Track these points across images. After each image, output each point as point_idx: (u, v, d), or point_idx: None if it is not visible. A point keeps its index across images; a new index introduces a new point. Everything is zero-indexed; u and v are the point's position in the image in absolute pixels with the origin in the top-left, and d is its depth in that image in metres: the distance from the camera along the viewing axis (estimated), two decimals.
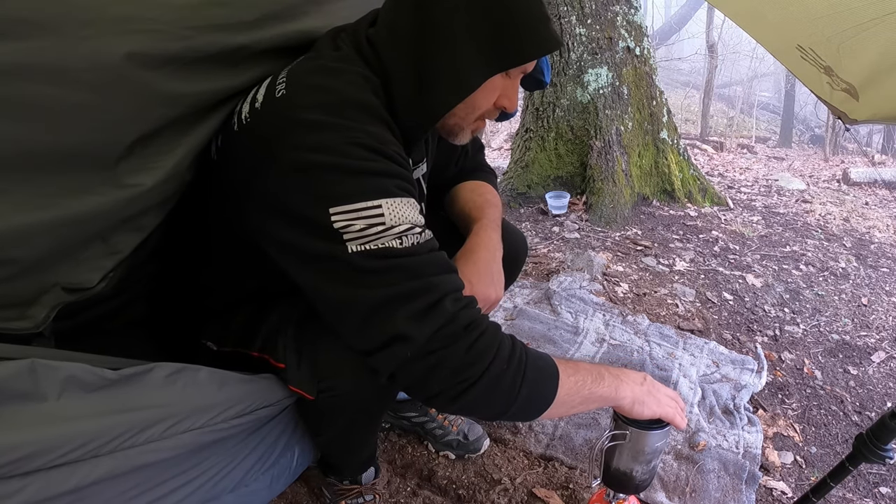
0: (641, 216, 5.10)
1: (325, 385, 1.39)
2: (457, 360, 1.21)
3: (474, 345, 1.23)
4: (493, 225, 1.68)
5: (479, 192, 1.82)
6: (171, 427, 1.16)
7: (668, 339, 3.25)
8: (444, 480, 2.22)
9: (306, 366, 1.39)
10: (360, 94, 1.27)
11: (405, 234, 1.18)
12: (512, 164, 5.59)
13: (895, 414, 1.32)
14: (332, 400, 1.43)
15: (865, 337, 3.59)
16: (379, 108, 1.29)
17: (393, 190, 1.19)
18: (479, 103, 1.39)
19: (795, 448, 2.61)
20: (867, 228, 5.67)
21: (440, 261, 1.26)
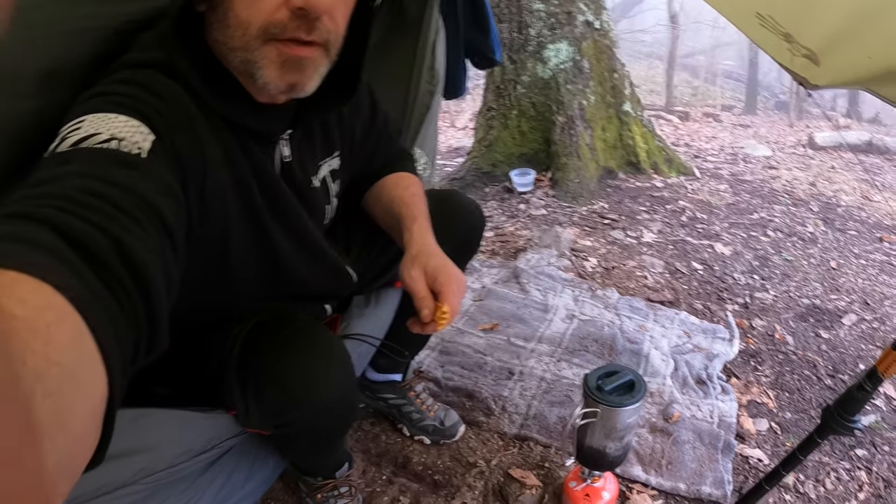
0: (608, 189, 5.10)
1: (284, 421, 1.36)
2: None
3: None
4: (427, 224, 1.57)
5: (402, 185, 1.71)
6: (139, 471, 1.16)
7: (638, 311, 3.26)
8: (420, 467, 2.21)
9: (255, 409, 1.35)
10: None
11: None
12: (476, 144, 5.57)
13: (861, 385, 1.32)
14: (289, 430, 1.40)
15: (836, 300, 3.63)
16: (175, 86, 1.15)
17: (105, 107, 1.02)
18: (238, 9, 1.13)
19: (770, 415, 2.62)
20: (834, 192, 5.73)
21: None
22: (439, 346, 2.84)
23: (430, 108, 2.31)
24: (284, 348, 1.31)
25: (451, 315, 1.39)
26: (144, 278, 0.80)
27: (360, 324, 1.83)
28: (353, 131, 1.62)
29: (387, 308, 1.93)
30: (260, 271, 1.42)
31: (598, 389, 1.78)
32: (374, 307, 1.90)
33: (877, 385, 1.30)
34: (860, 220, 5.00)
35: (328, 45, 1.19)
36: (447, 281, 1.40)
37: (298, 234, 1.45)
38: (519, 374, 2.68)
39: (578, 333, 3.00)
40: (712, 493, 2.17)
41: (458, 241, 1.73)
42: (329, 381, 1.35)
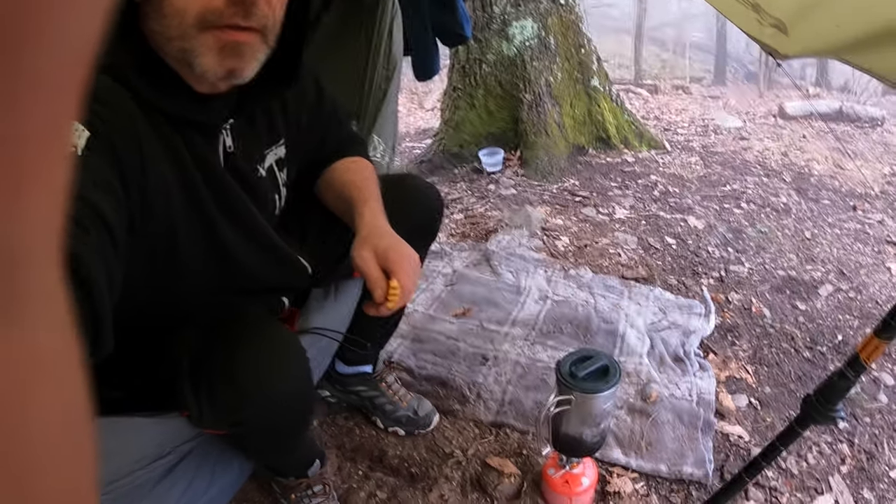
0: (578, 166, 5.06)
1: (237, 419, 1.33)
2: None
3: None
4: (379, 207, 1.55)
5: (353, 169, 1.69)
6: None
7: (612, 289, 3.22)
8: (396, 460, 2.18)
9: (208, 409, 1.31)
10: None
11: None
12: (442, 125, 5.51)
13: (843, 373, 1.29)
14: (244, 429, 1.38)
15: (811, 271, 3.62)
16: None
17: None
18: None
19: (749, 390, 2.60)
20: (806, 162, 5.74)
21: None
22: (411, 335, 2.79)
23: (387, 94, 2.28)
24: (236, 345, 1.28)
25: (403, 292, 1.39)
26: (86, 279, 0.79)
27: (319, 317, 1.79)
28: (298, 119, 1.59)
29: (347, 300, 1.88)
30: (209, 267, 1.38)
31: (572, 376, 1.75)
32: (333, 300, 1.85)
33: (860, 372, 1.26)
34: (833, 189, 5.01)
35: (265, 30, 1.19)
36: (398, 259, 1.40)
37: (247, 226, 1.42)
38: (493, 360, 2.64)
39: (552, 315, 2.96)
40: (694, 472, 2.15)
41: (414, 224, 1.69)
42: (282, 377, 1.32)
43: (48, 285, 0.28)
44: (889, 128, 7.37)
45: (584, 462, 2.01)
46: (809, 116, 7.60)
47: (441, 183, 4.78)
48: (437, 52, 2.72)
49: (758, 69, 12.87)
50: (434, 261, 3.43)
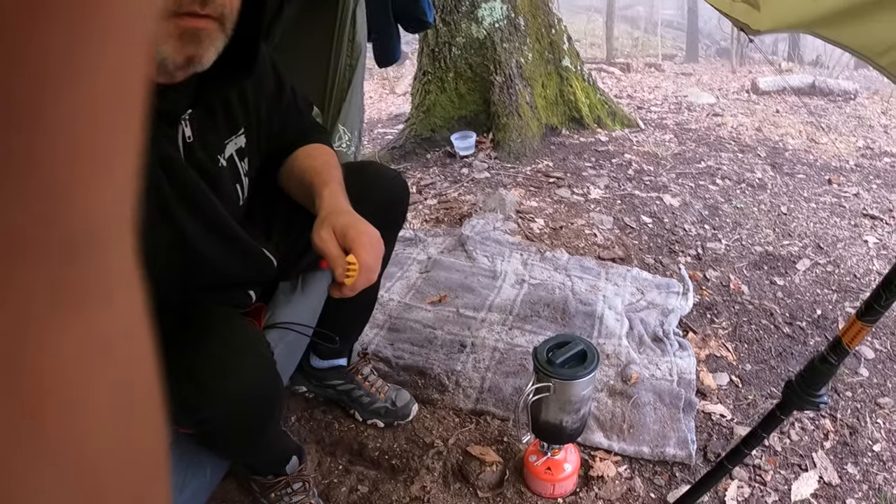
0: (551, 147, 5.05)
1: (201, 417, 1.32)
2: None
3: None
4: (340, 189, 1.54)
5: (314, 155, 1.67)
6: None
7: (589, 271, 3.21)
8: (376, 452, 2.16)
9: (172, 408, 1.28)
10: None
11: None
12: (413, 110, 5.47)
13: (825, 358, 1.27)
14: (209, 427, 1.37)
15: (788, 246, 3.62)
16: None
17: None
18: None
19: (730, 368, 2.60)
20: (780, 136, 5.75)
21: None
22: (387, 324, 2.76)
23: (351, 83, 2.26)
24: (196, 343, 1.27)
25: (363, 269, 1.37)
26: None
27: (286, 311, 1.77)
28: (258, 108, 1.57)
29: (315, 293, 1.86)
30: (171, 261, 1.36)
31: (549, 363, 1.74)
32: (300, 293, 1.83)
33: (842, 357, 1.24)
34: (808, 164, 5.03)
35: (223, 18, 1.18)
36: (356, 236, 1.39)
37: (209, 218, 1.39)
38: (471, 347, 2.62)
39: (529, 299, 2.94)
40: (677, 453, 2.14)
41: (380, 211, 1.66)
42: (243, 374, 1.31)
43: (122, 268, 0.27)
44: (862, 101, 7.42)
45: (566, 448, 1.99)
46: (782, 91, 7.63)
47: (413, 168, 4.75)
48: (399, 38, 2.70)
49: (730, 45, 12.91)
50: (408, 248, 3.40)
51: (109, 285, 0.26)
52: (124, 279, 0.27)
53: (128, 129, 0.25)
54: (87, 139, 0.22)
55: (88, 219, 0.23)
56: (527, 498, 2.01)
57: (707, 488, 1.50)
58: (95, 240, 0.24)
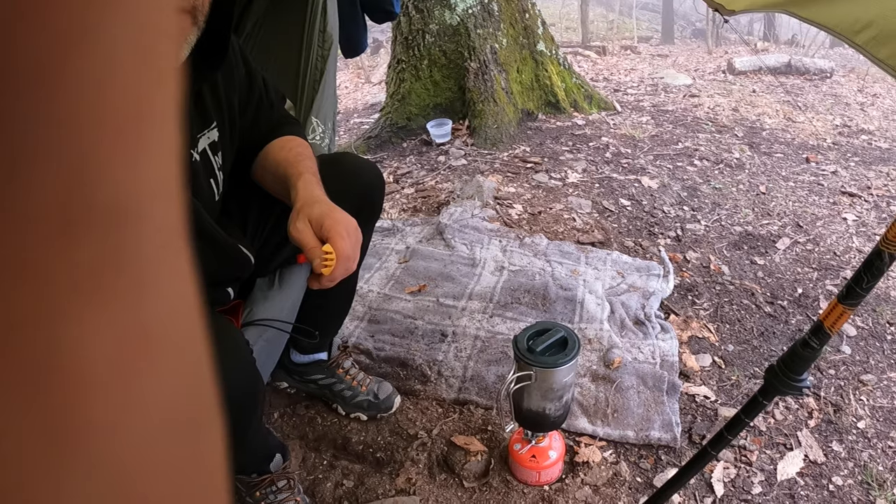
0: (528, 132, 5.04)
1: None
2: None
3: None
4: (315, 179, 1.52)
5: (287, 147, 1.65)
6: None
7: (569, 255, 3.21)
8: (360, 446, 2.15)
9: None
10: None
11: None
12: (388, 99, 5.45)
13: (806, 342, 1.26)
14: None
15: (768, 225, 3.64)
16: None
17: None
18: None
19: (712, 349, 2.61)
20: (757, 116, 5.77)
21: None
22: (367, 316, 2.75)
23: (324, 74, 2.25)
24: None
25: (340, 257, 1.36)
26: None
27: (264, 308, 1.75)
28: (230, 101, 1.56)
29: (292, 288, 1.84)
30: None
31: (530, 351, 1.73)
32: (278, 289, 1.81)
33: (824, 341, 1.24)
34: (785, 143, 5.05)
35: (195, 11, 1.16)
36: (333, 225, 1.37)
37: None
38: (452, 336, 2.61)
39: (509, 286, 2.94)
40: (661, 437, 2.15)
41: (356, 202, 1.64)
42: (222, 374, 1.24)
43: (166, 247, 0.24)
44: (838, 79, 7.46)
45: (550, 435, 1.99)
46: (758, 71, 7.66)
47: (390, 157, 4.73)
48: (366, 28, 2.68)
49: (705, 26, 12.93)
50: (386, 238, 3.39)
51: (152, 267, 0.23)
52: (169, 260, 0.24)
53: (157, 89, 0.22)
54: (110, 99, 0.20)
55: (122, 189, 0.21)
56: (513, 486, 2.01)
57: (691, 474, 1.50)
58: (132, 213, 0.21)
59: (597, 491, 2.01)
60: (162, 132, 0.23)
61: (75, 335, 0.20)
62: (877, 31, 1.15)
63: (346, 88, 8.47)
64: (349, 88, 8.58)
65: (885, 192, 4.07)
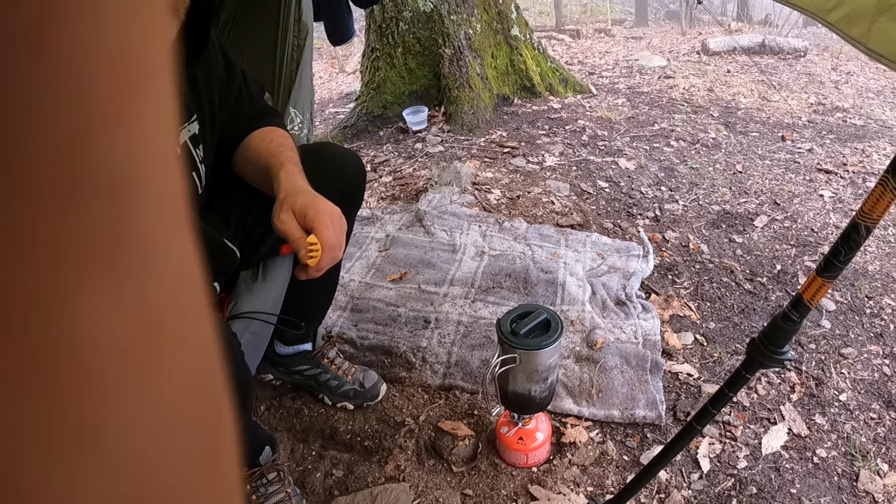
0: (504, 117, 5.04)
1: None
2: None
3: None
4: (297, 169, 1.53)
5: (268, 138, 1.65)
6: None
7: (548, 238, 3.22)
8: (348, 435, 2.16)
9: None
10: None
11: None
12: (363, 88, 5.43)
13: (787, 315, 1.28)
14: None
15: (745, 203, 3.67)
16: None
17: None
18: None
19: (694, 327, 2.63)
20: (732, 96, 5.81)
21: None
22: (350, 305, 2.75)
23: (300, 64, 2.24)
24: None
25: (325, 247, 1.36)
26: None
27: (249, 300, 1.75)
28: (210, 94, 1.55)
29: (277, 279, 1.84)
30: None
31: (513, 334, 1.74)
32: (262, 281, 1.81)
33: (804, 314, 1.26)
34: (761, 122, 5.08)
35: (176, 4, 1.16)
36: (316, 215, 1.37)
37: None
38: (435, 322, 2.62)
39: (490, 270, 2.95)
40: (647, 415, 2.17)
41: (337, 191, 1.64)
42: None
43: (171, 221, 0.22)
44: (812, 58, 7.51)
45: (537, 417, 2.01)
46: (733, 51, 7.69)
47: (367, 146, 4.72)
48: (351, 14, 2.66)
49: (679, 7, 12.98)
50: (366, 227, 3.39)
51: (157, 240, 0.21)
52: (173, 234, 0.23)
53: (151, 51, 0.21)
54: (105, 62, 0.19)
55: (121, 155, 0.20)
56: (501, 469, 2.03)
57: (677, 450, 1.52)
58: (133, 180, 0.20)
59: (585, 471, 2.03)
60: (158, 97, 0.22)
61: (84, 314, 0.19)
62: (848, 10, 1.16)
63: (321, 78, 8.43)
64: (324, 78, 8.54)
65: (860, 168, 4.12)
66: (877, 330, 2.64)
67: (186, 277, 0.23)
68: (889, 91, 5.99)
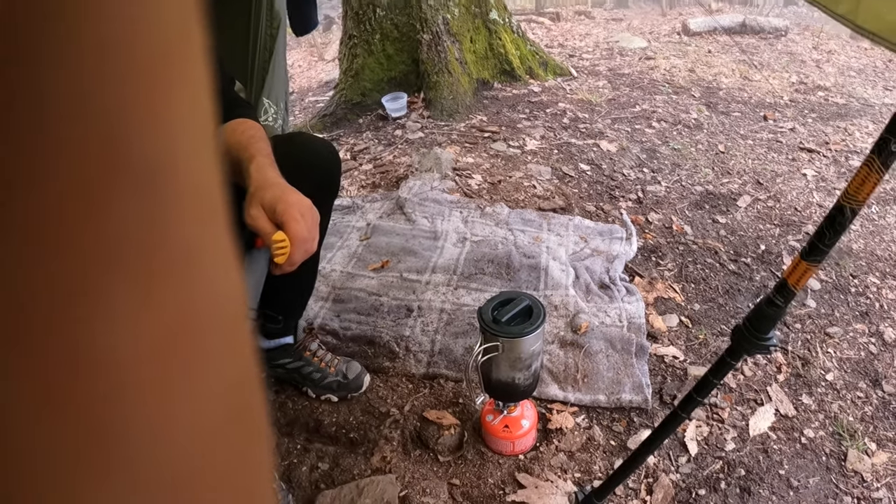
0: (484, 101, 5.02)
1: None
2: None
3: None
4: (268, 161, 1.49)
5: (239, 130, 1.61)
6: None
7: (530, 223, 3.21)
8: (333, 427, 2.15)
9: None
10: None
11: None
12: (342, 75, 5.39)
13: (771, 300, 1.26)
14: None
15: (728, 183, 3.67)
16: None
17: None
18: None
19: (678, 309, 2.63)
20: (713, 76, 5.81)
21: None
22: (332, 296, 2.72)
23: (273, 54, 2.21)
24: None
25: (295, 241, 1.33)
26: None
27: None
28: None
29: (253, 274, 1.82)
30: None
31: (495, 322, 1.73)
32: None
33: (789, 299, 1.24)
34: (742, 101, 5.08)
35: None
36: (286, 209, 1.34)
37: None
38: (418, 311, 2.60)
39: (472, 256, 2.93)
40: (633, 399, 2.17)
41: (312, 181, 1.62)
42: None
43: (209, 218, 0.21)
44: (793, 37, 7.51)
45: (522, 404, 2.00)
46: (714, 31, 7.69)
47: (346, 134, 4.68)
48: (315, 4, 2.64)
49: None
50: (346, 216, 3.36)
51: (195, 235, 0.20)
52: (213, 232, 0.21)
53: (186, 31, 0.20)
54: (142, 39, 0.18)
55: (157, 144, 0.18)
56: (488, 458, 2.02)
57: (663, 437, 1.51)
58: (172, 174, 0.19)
59: (572, 457, 2.02)
60: (194, 88, 0.20)
61: (114, 318, 0.18)
62: None
63: (300, 67, 8.36)
64: (302, 67, 8.48)
65: (843, 146, 4.12)
66: (862, 308, 2.65)
67: (224, 279, 0.22)
68: (870, 70, 6.01)
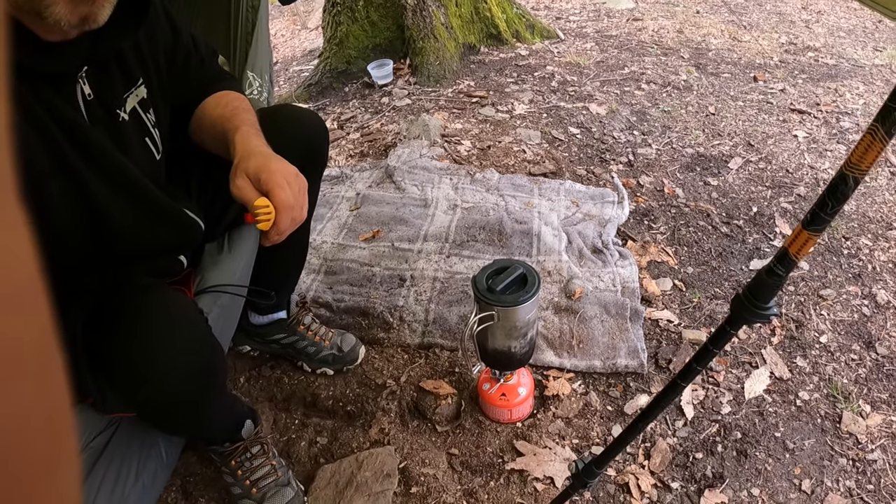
0: (471, 66, 4.97)
1: (139, 400, 1.29)
2: None
3: None
4: (253, 130, 1.47)
5: (223, 103, 1.59)
6: None
7: (521, 188, 3.19)
8: (330, 401, 2.15)
9: (110, 394, 1.29)
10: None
11: None
12: (326, 44, 5.32)
13: (771, 270, 1.25)
14: (151, 409, 1.34)
15: (719, 145, 3.65)
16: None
17: None
18: None
19: (672, 272, 2.63)
20: (702, 37, 5.76)
21: None
22: (323, 268, 2.72)
23: (255, 26, 2.19)
24: (123, 322, 1.23)
25: (280, 208, 1.31)
26: None
27: (216, 274, 1.71)
28: (155, 57, 1.50)
29: (244, 249, 1.80)
30: (87, 235, 1.31)
31: (490, 290, 1.72)
32: (228, 252, 1.78)
33: (790, 268, 1.23)
34: (732, 62, 5.05)
35: None
36: (270, 177, 1.32)
37: (117, 178, 1.32)
38: (410, 280, 2.60)
39: (464, 223, 2.92)
40: (628, 363, 2.17)
41: (299, 152, 1.60)
42: (177, 348, 1.27)
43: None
44: None
45: (518, 372, 2.00)
46: None
47: (332, 103, 4.64)
48: None
49: None
50: (335, 186, 3.34)
51: None
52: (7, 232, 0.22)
53: None
54: None
55: None
56: (486, 426, 2.03)
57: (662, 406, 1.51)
58: None
59: (569, 423, 2.03)
60: None
61: None
62: None
63: (283, 36, 8.27)
64: (286, 36, 8.38)
65: (833, 108, 4.10)
66: (855, 270, 2.65)
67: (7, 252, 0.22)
68: (860, 30, 5.97)
